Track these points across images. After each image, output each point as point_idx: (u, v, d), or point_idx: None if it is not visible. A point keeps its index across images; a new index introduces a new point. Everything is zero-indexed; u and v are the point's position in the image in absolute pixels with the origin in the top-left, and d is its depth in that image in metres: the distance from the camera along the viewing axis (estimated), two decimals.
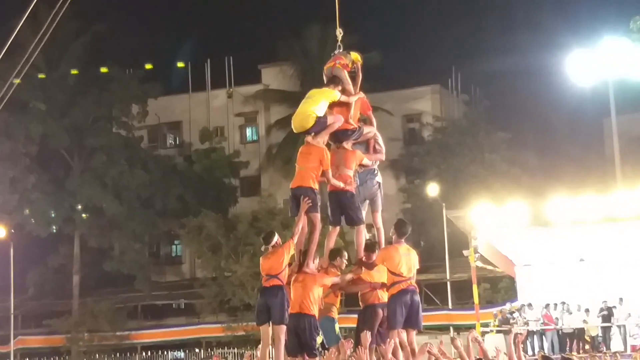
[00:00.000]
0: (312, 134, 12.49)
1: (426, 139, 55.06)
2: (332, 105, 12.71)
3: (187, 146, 59.32)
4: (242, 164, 56.39)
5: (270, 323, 11.79)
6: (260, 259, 12.19)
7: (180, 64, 62.48)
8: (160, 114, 57.58)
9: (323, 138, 12.55)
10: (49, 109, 49.87)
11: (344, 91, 12.73)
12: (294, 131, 12.95)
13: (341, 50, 13.17)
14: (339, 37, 13.28)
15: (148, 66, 58.90)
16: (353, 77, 13.03)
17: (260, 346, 12.22)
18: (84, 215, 51.12)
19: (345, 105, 12.78)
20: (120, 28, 65.79)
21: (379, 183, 13.04)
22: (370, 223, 13.02)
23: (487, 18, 78.06)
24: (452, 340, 11.38)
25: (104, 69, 52.11)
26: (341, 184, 12.33)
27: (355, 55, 13.10)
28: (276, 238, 12.20)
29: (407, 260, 11.76)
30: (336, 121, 12.57)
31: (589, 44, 38.26)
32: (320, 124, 12.45)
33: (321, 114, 12.42)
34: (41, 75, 49.78)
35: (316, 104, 12.48)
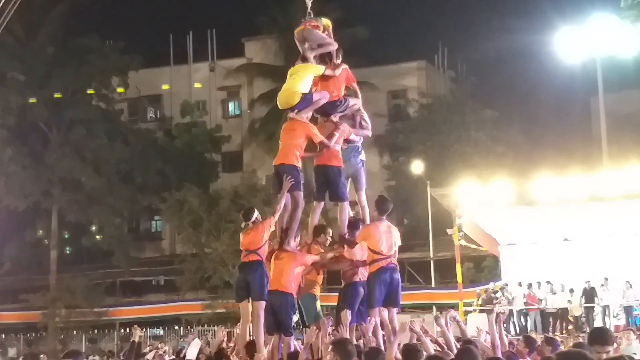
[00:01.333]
0: (296, 110, 12.51)
1: (411, 115, 55.14)
2: (317, 79, 12.74)
3: (168, 120, 59.13)
4: (224, 139, 56.27)
5: (250, 299, 11.82)
6: (240, 234, 12.21)
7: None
8: (141, 87, 57.27)
9: (307, 114, 12.57)
10: (27, 80, 49.56)
11: (320, 46, 12.80)
12: (280, 108, 12.93)
13: (311, 17, 13.12)
14: (309, 3, 13.20)
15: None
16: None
17: (241, 324, 12.26)
18: (62, 189, 50.89)
19: (330, 78, 12.80)
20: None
21: (362, 161, 13.05)
22: (354, 201, 13.05)
23: None
24: (436, 318, 11.48)
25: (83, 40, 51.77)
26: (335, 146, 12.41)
27: (326, 21, 13.07)
28: (256, 214, 12.22)
29: (388, 237, 11.78)
30: (322, 97, 12.61)
31: (577, 21, 38.35)
32: (306, 101, 12.50)
33: (307, 91, 12.45)
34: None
35: (301, 80, 12.51)
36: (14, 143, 49.29)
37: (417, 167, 46.32)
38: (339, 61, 13.04)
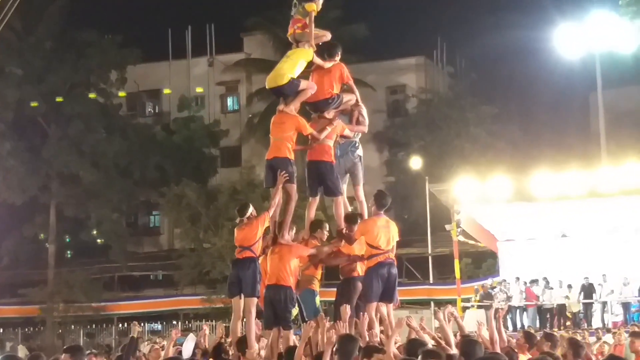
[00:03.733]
0: (283, 103, 12.60)
1: (410, 111, 55.16)
2: (311, 74, 12.74)
3: (167, 115, 59.12)
4: (223, 134, 56.28)
5: (242, 295, 11.80)
6: (235, 229, 12.20)
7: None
8: (139, 82, 57.21)
9: (295, 105, 12.56)
10: (25, 74, 49.51)
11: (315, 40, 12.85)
12: (267, 87, 13.03)
13: (297, 8, 13.07)
14: None
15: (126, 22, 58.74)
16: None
17: (233, 320, 12.25)
18: (60, 183, 50.86)
19: (324, 75, 12.77)
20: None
21: (360, 156, 13.02)
22: (352, 196, 13.03)
23: None
24: (435, 313, 11.50)
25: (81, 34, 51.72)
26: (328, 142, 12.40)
27: (310, 6, 12.94)
28: (250, 210, 12.18)
29: (386, 232, 11.78)
30: (309, 88, 12.60)
31: (576, 17, 38.40)
32: (292, 86, 12.56)
33: (295, 76, 12.50)
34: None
35: (294, 64, 12.60)
36: (12, 137, 49.23)
37: (415, 163, 46.41)
38: (337, 58, 13.01)
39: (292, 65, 12.60)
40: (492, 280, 33.94)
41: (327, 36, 13.06)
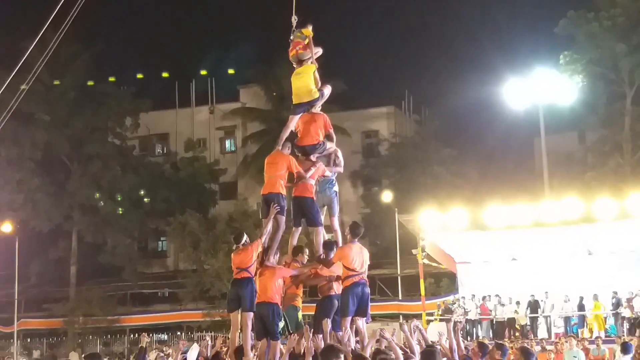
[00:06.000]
0: (305, 110, 12.81)
1: (382, 153, 55.26)
2: (302, 124, 12.82)
3: (174, 155, 59.11)
4: (221, 171, 56.37)
5: (240, 310, 11.75)
6: (232, 254, 12.14)
7: (165, 75, 62.81)
8: (150, 126, 57.34)
9: (288, 147, 12.65)
10: (52, 119, 49.48)
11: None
12: (298, 101, 12.89)
13: (295, 34, 13.08)
14: (294, 23, 13.22)
15: (139, 76, 58.98)
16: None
17: (231, 331, 12.19)
18: (81, 213, 50.71)
19: (312, 123, 12.84)
20: (116, 49, 65.71)
21: (336, 192, 13.05)
22: (328, 225, 13.04)
23: (437, 49, 78.72)
24: (401, 325, 11.44)
25: (101, 86, 51.87)
26: (310, 181, 12.44)
27: (307, 31, 13.02)
28: (245, 237, 12.14)
29: (360, 257, 11.75)
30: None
31: (523, 74, 38.71)
32: (322, 96, 12.87)
33: (318, 86, 12.81)
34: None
35: (310, 79, 12.78)
36: (40, 174, 49.19)
37: (387, 196, 46.51)
38: (319, 109, 13.12)
39: (310, 81, 12.77)
40: (452, 297, 33.92)
41: (320, 51, 13.16)
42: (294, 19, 13.09)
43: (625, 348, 16.67)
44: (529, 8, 73.12)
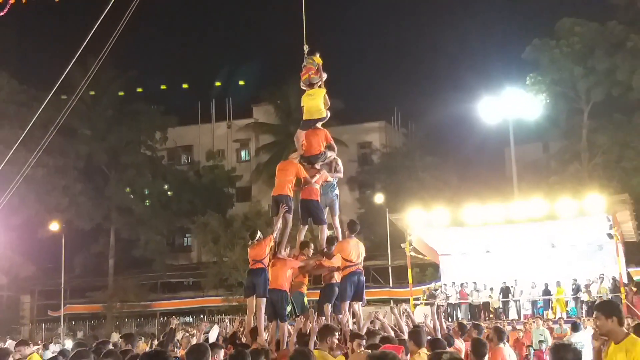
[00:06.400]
0: (312, 126, 12.96)
1: (375, 161, 55.23)
2: (307, 137, 12.84)
3: (197, 164, 59.14)
4: (238, 178, 56.35)
5: (255, 296, 11.74)
6: (248, 249, 12.15)
7: (185, 85, 63.36)
8: (177, 139, 57.36)
9: (298, 155, 12.69)
10: (93, 134, 49.55)
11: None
12: (309, 117, 13.01)
13: (307, 60, 13.12)
14: (306, 51, 13.24)
15: (185, 85, 59.69)
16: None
17: (247, 314, 12.18)
18: (118, 214, 50.76)
19: (315, 137, 12.88)
20: (148, 75, 65.76)
21: (337, 195, 13.11)
22: (331, 223, 13.05)
23: (421, 72, 79.05)
24: (391, 309, 11.44)
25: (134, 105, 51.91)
26: (316, 185, 12.44)
27: (317, 59, 13.12)
28: (259, 234, 12.16)
29: (356, 250, 11.78)
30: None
31: (495, 92, 38.71)
32: (326, 117, 13.03)
33: (326, 107, 13.01)
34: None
35: (320, 101, 12.91)
36: (82, 181, 49.22)
37: (379, 198, 46.44)
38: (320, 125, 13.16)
39: (321, 102, 12.91)
40: (435, 284, 33.86)
41: (325, 76, 13.24)
42: (306, 48, 13.16)
43: (574, 327, 16.77)
44: (500, 36, 73.52)
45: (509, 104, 37.42)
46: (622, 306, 26.01)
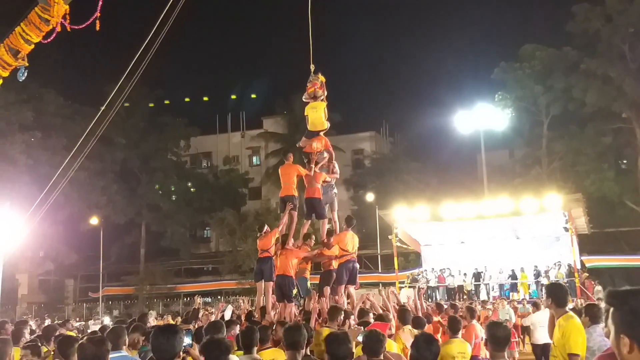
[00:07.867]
0: (315, 136, 12.84)
1: (367, 165, 55.25)
2: (311, 142, 12.86)
3: (215, 168, 59.17)
4: (250, 180, 56.45)
5: (263, 280, 11.76)
6: (257, 240, 12.17)
7: (205, 99, 63.49)
8: (198, 147, 57.47)
9: (291, 158, 12.74)
10: (127, 142, 49.53)
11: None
12: (310, 129, 12.95)
13: (313, 76, 13.11)
14: (312, 69, 13.25)
15: (205, 98, 59.72)
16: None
17: (257, 296, 12.20)
18: (148, 210, 50.77)
19: (319, 141, 12.92)
20: (174, 88, 65.73)
21: (335, 193, 13.13)
22: (330, 218, 13.07)
23: (406, 90, 79.09)
24: (380, 291, 11.45)
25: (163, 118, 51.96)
26: (318, 185, 12.45)
27: (322, 77, 13.12)
28: (266, 227, 12.19)
29: (352, 241, 11.78)
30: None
31: (468, 106, 38.76)
32: (326, 130, 12.99)
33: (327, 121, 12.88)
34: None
35: (323, 114, 12.81)
36: (118, 182, 49.17)
37: (370, 197, 46.38)
38: (322, 133, 13.18)
39: (323, 115, 12.85)
40: (417, 270, 33.88)
41: (326, 92, 13.25)
42: (312, 67, 13.19)
43: (535, 306, 16.81)
44: (472, 60, 73.63)
45: (480, 117, 37.47)
46: (577, 289, 26.02)
